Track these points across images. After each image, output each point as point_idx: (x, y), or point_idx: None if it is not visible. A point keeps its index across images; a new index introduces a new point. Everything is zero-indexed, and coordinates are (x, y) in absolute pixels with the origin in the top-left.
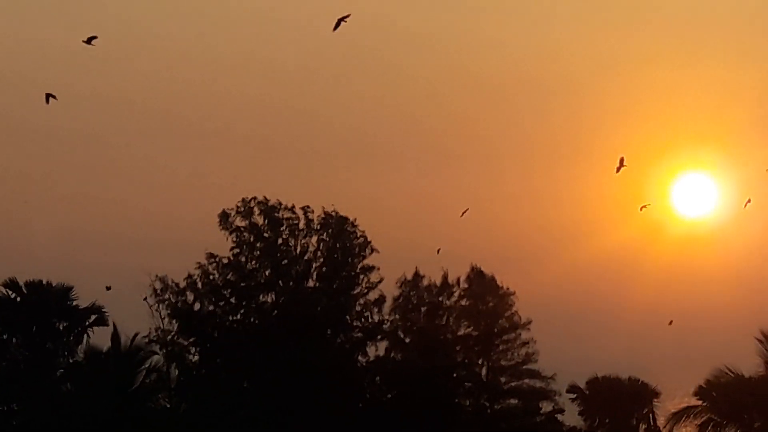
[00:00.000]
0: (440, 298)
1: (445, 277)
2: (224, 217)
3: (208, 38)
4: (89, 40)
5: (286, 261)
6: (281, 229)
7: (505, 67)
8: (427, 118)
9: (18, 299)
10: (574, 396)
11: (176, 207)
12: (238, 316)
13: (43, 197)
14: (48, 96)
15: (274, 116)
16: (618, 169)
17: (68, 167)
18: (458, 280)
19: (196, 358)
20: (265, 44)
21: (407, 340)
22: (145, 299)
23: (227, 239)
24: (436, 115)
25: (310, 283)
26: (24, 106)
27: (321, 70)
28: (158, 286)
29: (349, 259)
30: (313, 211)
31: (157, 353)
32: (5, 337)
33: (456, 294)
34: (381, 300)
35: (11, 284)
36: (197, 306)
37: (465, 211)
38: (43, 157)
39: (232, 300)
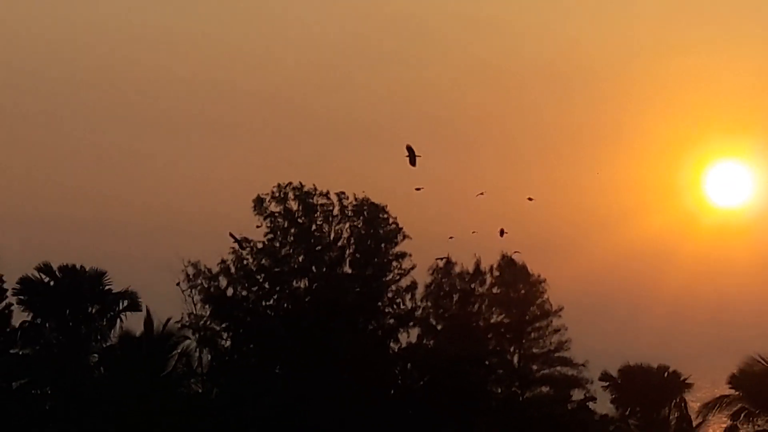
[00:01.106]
0: (472, 286)
1: (477, 265)
2: (259, 202)
3: (229, 33)
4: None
5: (319, 247)
6: (315, 215)
7: (531, 57)
8: (462, 108)
9: (52, 283)
10: (606, 384)
11: (212, 192)
12: (271, 302)
13: (78, 186)
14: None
15: (311, 105)
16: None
17: (103, 158)
18: (491, 267)
19: (228, 343)
20: (305, 32)
21: (439, 327)
22: (178, 284)
23: (261, 224)
24: (471, 104)
25: (343, 269)
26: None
27: (349, 64)
28: (191, 271)
29: (382, 245)
30: (347, 197)
31: (190, 338)
32: (39, 321)
33: (488, 281)
34: (413, 287)
35: (45, 269)
36: (230, 291)
37: (480, 194)
38: (78, 148)
39: (266, 285)
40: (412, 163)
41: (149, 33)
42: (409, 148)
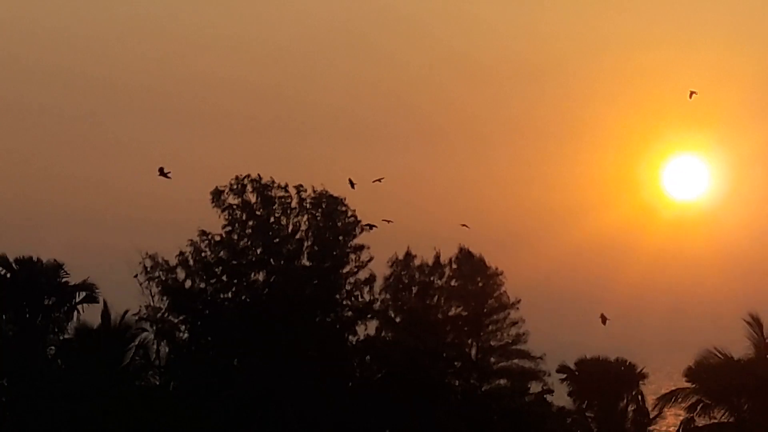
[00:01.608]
0: (431, 278)
1: (437, 257)
2: (217, 194)
3: (201, 19)
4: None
5: (277, 239)
6: (273, 207)
7: (497, 50)
8: (419, 100)
9: (8, 275)
10: (564, 376)
11: (169, 185)
12: (229, 294)
13: (35, 175)
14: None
15: (269, 96)
16: (690, 95)
17: (60, 146)
18: (450, 260)
19: (186, 335)
20: (262, 25)
21: (398, 320)
22: (136, 276)
23: (219, 217)
24: (427, 96)
25: (301, 262)
26: (18, 87)
27: (316, 52)
28: (148, 263)
29: (340, 238)
30: (305, 190)
31: (147, 330)
32: None
33: (446, 274)
34: (371, 279)
35: (1, 261)
36: (188, 284)
37: (379, 179)
38: (36, 136)
39: (224, 278)
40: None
41: (116, 18)
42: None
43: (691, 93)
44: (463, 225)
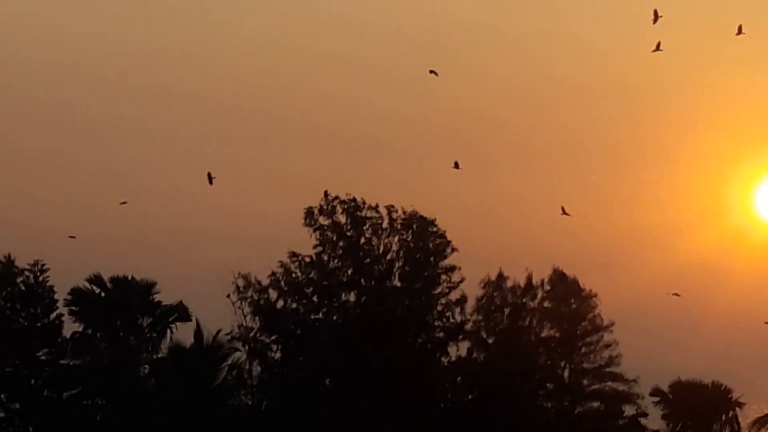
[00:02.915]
0: (524, 300)
1: (529, 279)
2: (309, 214)
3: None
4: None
5: (368, 260)
6: (364, 228)
7: (594, 70)
8: (515, 120)
9: (103, 295)
10: (658, 399)
11: (260, 205)
12: (320, 315)
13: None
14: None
15: (361, 114)
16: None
17: (155, 164)
18: (542, 282)
19: (278, 355)
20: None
21: (490, 341)
22: (228, 296)
23: (311, 237)
24: (522, 116)
25: (392, 283)
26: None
27: (408, 70)
28: (241, 283)
29: (431, 258)
30: (396, 211)
31: (240, 350)
32: (89, 332)
33: (539, 296)
34: (463, 300)
35: (96, 280)
36: (280, 304)
37: (123, 202)
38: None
39: (314, 298)
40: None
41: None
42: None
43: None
44: (564, 213)
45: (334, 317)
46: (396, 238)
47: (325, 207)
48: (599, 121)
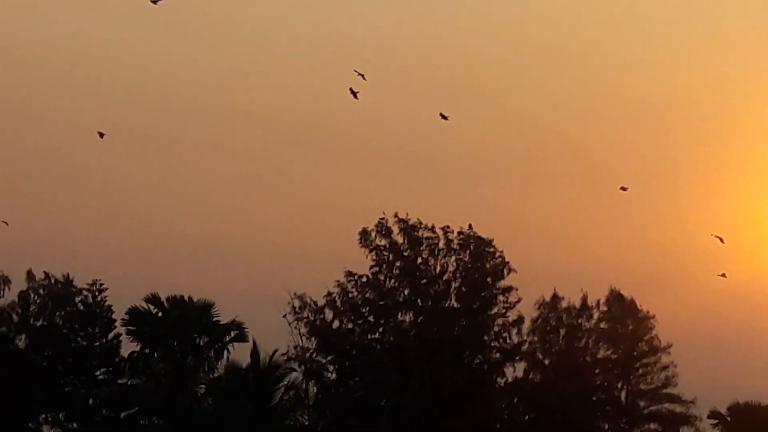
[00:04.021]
0: (579, 320)
1: (584, 299)
2: (365, 235)
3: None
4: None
5: (425, 280)
6: (421, 248)
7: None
8: (575, 137)
9: (160, 314)
10: (716, 422)
11: (317, 224)
12: (376, 335)
13: (186, 215)
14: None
15: (418, 134)
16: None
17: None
18: (598, 302)
19: (334, 375)
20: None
21: (546, 362)
22: (284, 316)
23: (367, 257)
24: (583, 134)
25: (449, 303)
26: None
27: (467, 86)
28: (297, 303)
29: (488, 279)
30: (452, 231)
31: (296, 370)
32: (147, 351)
33: (595, 316)
34: (519, 321)
35: (153, 299)
36: (336, 324)
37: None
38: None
39: (371, 318)
40: None
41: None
42: None
43: None
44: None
45: (390, 337)
46: (453, 259)
47: (382, 227)
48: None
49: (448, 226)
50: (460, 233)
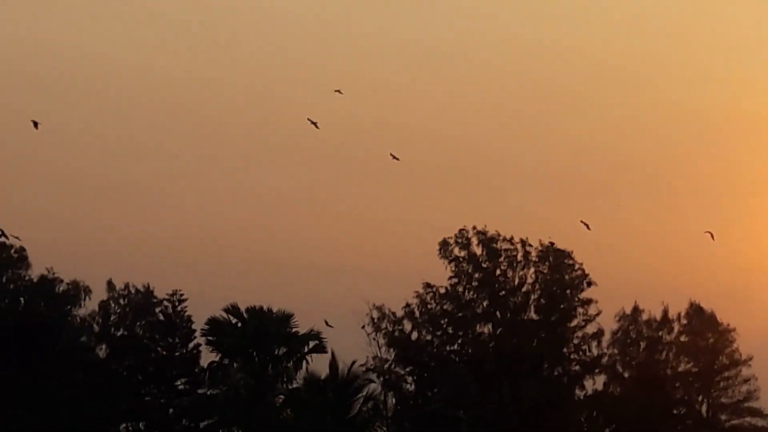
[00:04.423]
0: (660, 333)
1: (665, 312)
2: (444, 245)
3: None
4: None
5: (503, 292)
6: (499, 260)
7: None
8: (645, 154)
9: (239, 325)
10: None
11: (395, 236)
12: (455, 346)
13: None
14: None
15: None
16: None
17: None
18: (678, 315)
19: (413, 387)
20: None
21: (626, 375)
22: (363, 327)
23: (446, 268)
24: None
25: (528, 315)
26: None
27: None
28: (375, 314)
29: (567, 291)
30: (531, 244)
31: (374, 381)
32: (226, 361)
33: (675, 329)
34: (599, 333)
35: (232, 310)
36: (414, 335)
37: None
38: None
39: (449, 330)
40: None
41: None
42: None
43: None
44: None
45: (469, 349)
46: (532, 271)
47: (461, 238)
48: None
49: (526, 238)
50: (540, 245)
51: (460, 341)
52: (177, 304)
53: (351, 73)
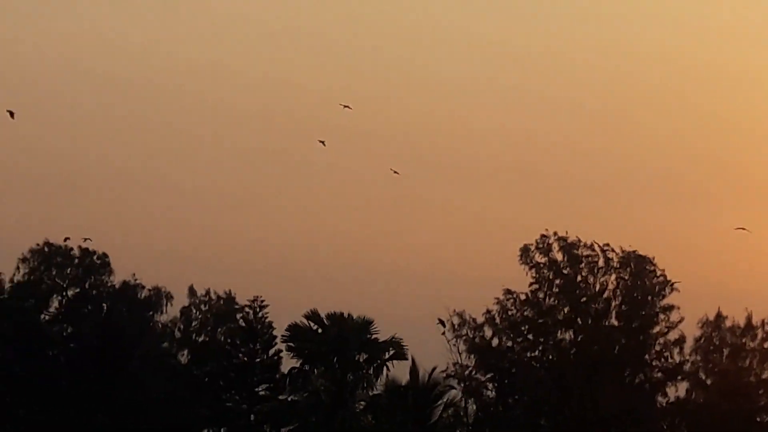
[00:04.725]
0: (743, 340)
1: (749, 318)
2: (525, 251)
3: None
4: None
5: (584, 298)
6: (580, 266)
7: None
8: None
9: (320, 331)
10: None
11: (475, 242)
12: (536, 353)
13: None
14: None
15: (575, 153)
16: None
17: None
18: (762, 321)
19: (493, 394)
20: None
21: (709, 382)
22: (443, 334)
23: (527, 274)
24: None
25: (609, 322)
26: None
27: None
28: (456, 320)
29: (649, 297)
30: (612, 250)
31: (455, 388)
32: (306, 367)
33: (759, 336)
34: (681, 340)
35: (313, 316)
36: (495, 341)
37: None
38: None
39: (530, 336)
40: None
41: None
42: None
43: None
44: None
45: (550, 356)
46: (613, 277)
47: (541, 244)
48: None
49: (607, 244)
50: (621, 251)
51: (540, 348)
52: (258, 310)
53: (427, 84)
